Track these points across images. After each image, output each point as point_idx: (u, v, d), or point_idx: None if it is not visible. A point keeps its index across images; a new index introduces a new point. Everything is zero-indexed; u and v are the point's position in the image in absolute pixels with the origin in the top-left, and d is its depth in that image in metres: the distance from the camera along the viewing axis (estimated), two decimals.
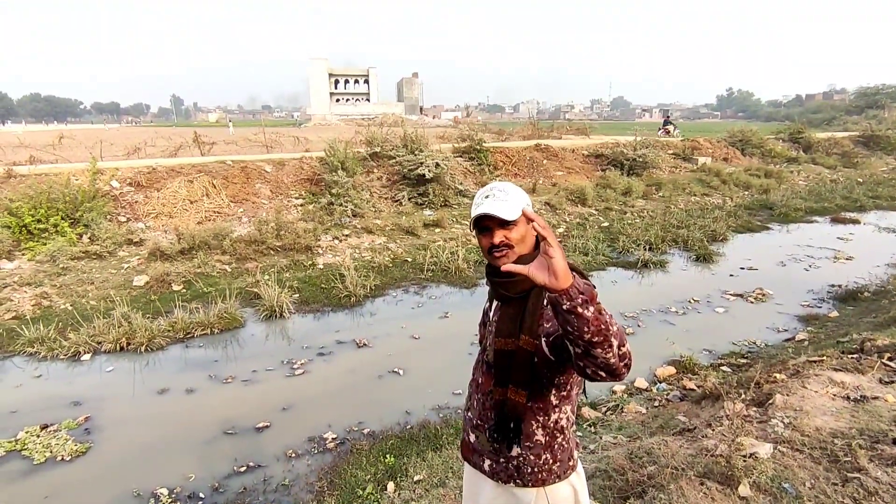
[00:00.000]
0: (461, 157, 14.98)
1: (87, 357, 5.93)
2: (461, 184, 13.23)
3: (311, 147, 16.27)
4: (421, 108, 73.12)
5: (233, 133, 26.65)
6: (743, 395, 3.63)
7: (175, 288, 7.85)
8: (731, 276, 8.90)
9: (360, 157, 12.95)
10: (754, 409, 3.40)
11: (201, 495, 3.79)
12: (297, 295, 7.71)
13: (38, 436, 4.45)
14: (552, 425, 1.50)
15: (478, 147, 15.21)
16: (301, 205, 11.32)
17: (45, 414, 4.80)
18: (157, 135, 20.75)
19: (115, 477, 4.00)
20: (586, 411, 4.50)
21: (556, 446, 1.52)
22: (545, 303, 1.41)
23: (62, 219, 8.81)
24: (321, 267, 8.93)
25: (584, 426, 4.20)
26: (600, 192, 14.28)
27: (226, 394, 5.23)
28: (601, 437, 3.81)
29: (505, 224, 1.43)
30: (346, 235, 10.27)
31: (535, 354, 1.42)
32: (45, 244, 8.45)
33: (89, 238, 8.88)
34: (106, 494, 3.80)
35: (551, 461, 1.51)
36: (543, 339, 1.40)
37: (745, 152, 22.67)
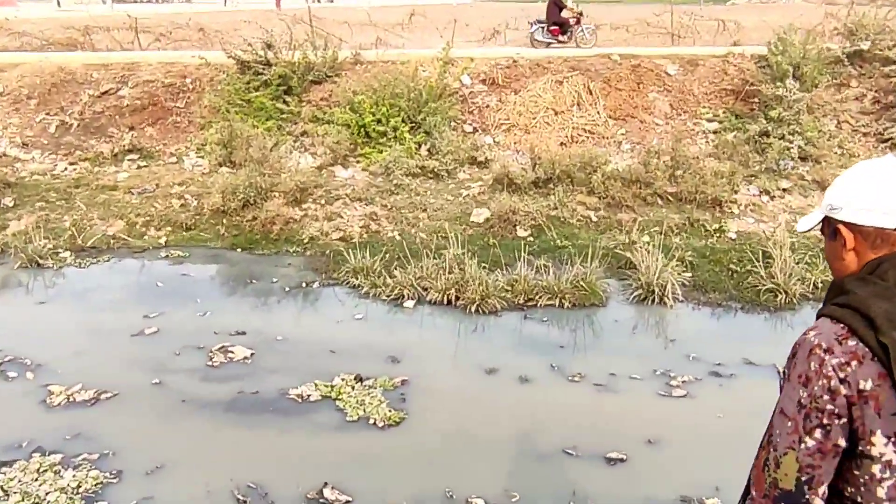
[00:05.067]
0: None
1: (409, 304, 7.34)
2: None
3: (742, 39, 15.72)
4: None
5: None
6: None
7: (520, 233, 8.90)
8: None
9: (828, 60, 11.96)
10: None
11: None
12: (690, 274, 7.81)
13: (353, 387, 5.79)
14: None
15: None
16: (715, 131, 11.29)
17: (362, 363, 6.16)
18: (524, 13, 23.11)
19: (426, 467, 4.87)
20: None
21: None
22: None
23: (402, 122, 10.92)
24: (733, 236, 8.86)
25: None
26: None
27: (570, 396, 5.74)
28: None
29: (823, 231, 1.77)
30: (784, 190, 9.87)
31: None
32: (381, 152, 10.66)
33: (428, 150, 10.78)
34: (418, 483, 4.66)
35: None
36: None
37: None
